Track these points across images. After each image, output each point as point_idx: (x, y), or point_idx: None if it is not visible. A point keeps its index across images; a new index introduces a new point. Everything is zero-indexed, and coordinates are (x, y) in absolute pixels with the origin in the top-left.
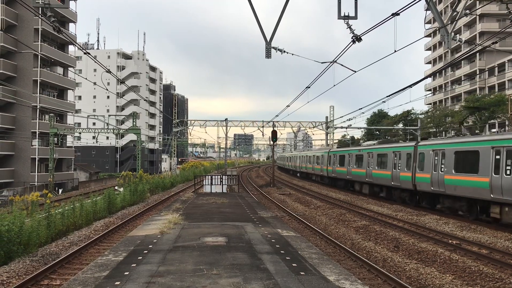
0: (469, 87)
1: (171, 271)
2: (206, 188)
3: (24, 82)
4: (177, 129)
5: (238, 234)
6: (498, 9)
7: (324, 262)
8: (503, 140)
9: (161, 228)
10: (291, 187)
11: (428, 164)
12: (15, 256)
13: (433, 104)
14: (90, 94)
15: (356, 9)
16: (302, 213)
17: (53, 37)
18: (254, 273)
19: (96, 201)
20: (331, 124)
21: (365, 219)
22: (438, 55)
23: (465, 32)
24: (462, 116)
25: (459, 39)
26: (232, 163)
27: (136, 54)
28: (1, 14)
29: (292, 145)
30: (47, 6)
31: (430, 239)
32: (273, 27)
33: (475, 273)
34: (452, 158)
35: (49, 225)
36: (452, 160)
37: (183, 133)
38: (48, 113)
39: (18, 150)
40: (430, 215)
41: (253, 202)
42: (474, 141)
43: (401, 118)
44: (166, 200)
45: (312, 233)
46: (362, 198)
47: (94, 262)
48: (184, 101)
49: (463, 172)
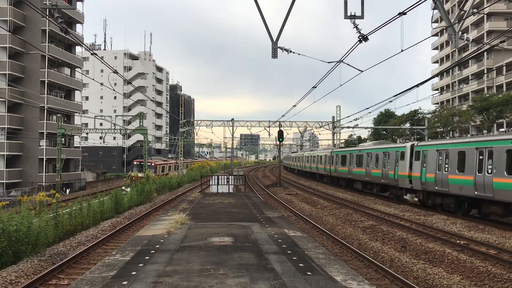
0: (476, 86)
1: (178, 271)
2: (213, 188)
3: (31, 83)
4: (183, 129)
5: (245, 234)
6: (506, 7)
7: (331, 262)
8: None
9: (168, 228)
10: (297, 187)
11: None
12: (24, 256)
13: (440, 104)
14: (97, 95)
15: (363, 8)
16: (308, 213)
17: (60, 38)
18: (261, 273)
19: (103, 201)
20: (337, 124)
21: (372, 219)
22: (445, 54)
23: (472, 31)
24: (469, 115)
25: (466, 38)
26: (239, 163)
27: (142, 54)
28: (9, 16)
29: (298, 145)
30: (55, 7)
31: (437, 239)
32: (279, 26)
33: (483, 273)
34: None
35: (57, 225)
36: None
37: (190, 133)
38: (56, 113)
39: (26, 150)
40: (437, 215)
41: (260, 202)
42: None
43: (408, 117)
44: (173, 200)
45: (319, 233)
46: (369, 198)
47: (102, 262)
48: (191, 101)
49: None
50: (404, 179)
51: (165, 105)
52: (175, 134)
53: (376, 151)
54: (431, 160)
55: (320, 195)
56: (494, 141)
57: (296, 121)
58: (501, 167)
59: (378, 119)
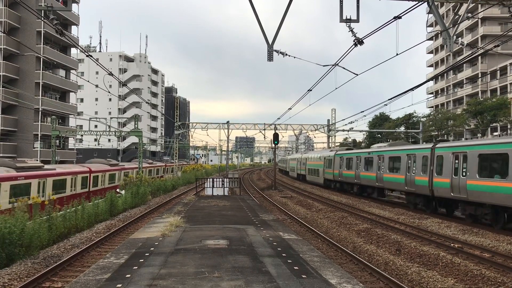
0: (471, 90)
1: (172, 274)
2: (208, 191)
3: (26, 84)
4: (178, 132)
5: (240, 237)
6: (500, 12)
7: (326, 265)
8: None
9: (162, 230)
10: (292, 190)
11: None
12: (17, 258)
13: (435, 107)
14: (92, 97)
15: (358, 12)
16: (303, 216)
17: (56, 40)
18: (256, 276)
19: (98, 204)
20: (332, 127)
21: (366, 222)
22: (440, 58)
23: (467, 35)
24: (464, 119)
25: (461, 42)
26: (234, 165)
27: (138, 56)
28: (4, 17)
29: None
30: (50, 9)
31: (432, 242)
32: (275, 29)
33: (477, 276)
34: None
35: (51, 227)
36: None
37: (185, 135)
38: (50, 115)
39: (20, 152)
40: (432, 218)
41: (255, 204)
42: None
43: (403, 121)
44: (167, 203)
45: (314, 236)
46: (363, 201)
47: (96, 265)
48: (186, 104)
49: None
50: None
51: (160, 107)
52: (170, 137)
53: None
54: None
55: (315, 198)
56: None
57: (291, 124)
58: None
59: (373, 122)
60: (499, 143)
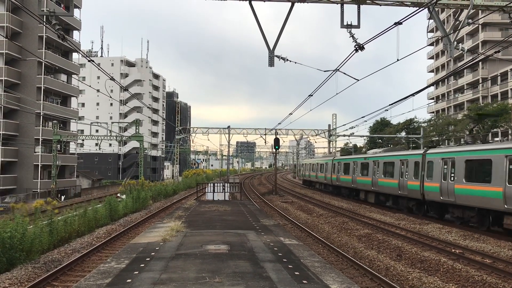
0: (471, 95)
1: (173, 279)
2: (208, 196)
3: (28, 89)
4: (179, 136)
5: (241, 242)
6: (501, 18)
7: (327, 270)
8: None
9: (163, 235)
10: (293, 195)
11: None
12: (18, 263)
13: (435, 113)
14: (93, 101)
15: (359, 18)
16: (304, 221)
17: (57, 45)
18: (257, 281)
19: (97, 209)
20: (333, 132)
21: (367, 227)
22: (440, 63)
23: (467, 41)
24: (465, 124)
25: (461, 48)
26: (235, 170)
27: (139, 61)
28: (6, 22)
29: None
30: (52, 14)
31: (433, 248)
32: (276, 34)
33: (479, 282)
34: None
35: (52, 232)
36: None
37: (186, 140)
38: (52, 120)
39: (21, 156)
40: (433, 223)
41: (256, 210)
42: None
43: (403, 126)
44: (168, 208)
45: (315, 241)
46: (364, 206)
47: (97, 269)
48: (187, 108)
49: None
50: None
51: (162, 112)
52: (171, 141)
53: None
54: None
55: (315, 203)
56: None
57: (292, 129)
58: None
59: (373, 128)
60: (484, 149)
